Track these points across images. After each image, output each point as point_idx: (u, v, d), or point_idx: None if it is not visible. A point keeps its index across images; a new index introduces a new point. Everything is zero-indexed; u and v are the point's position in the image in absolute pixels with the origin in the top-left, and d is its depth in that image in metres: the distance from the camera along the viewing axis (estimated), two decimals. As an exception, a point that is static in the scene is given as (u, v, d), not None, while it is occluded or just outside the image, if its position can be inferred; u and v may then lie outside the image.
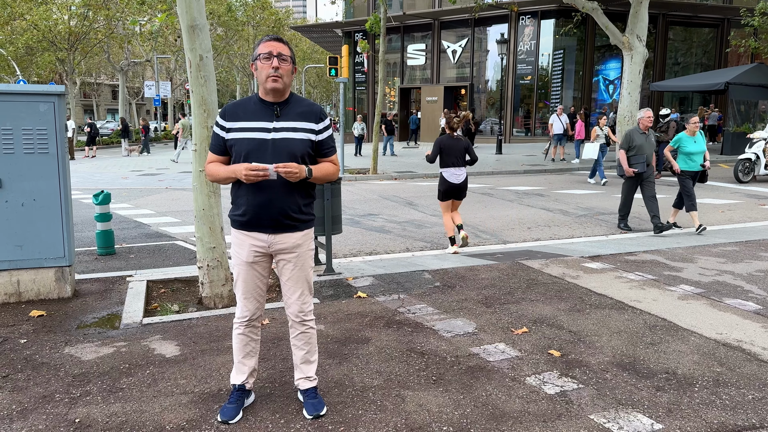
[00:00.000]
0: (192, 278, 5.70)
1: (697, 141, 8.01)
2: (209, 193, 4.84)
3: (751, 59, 27.30)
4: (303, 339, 3.13)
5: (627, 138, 8.17)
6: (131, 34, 34.55)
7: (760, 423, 3.01)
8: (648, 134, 8.19)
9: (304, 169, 2.84)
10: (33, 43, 30.03)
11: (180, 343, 4.09)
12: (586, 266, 6.11)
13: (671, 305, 4.86)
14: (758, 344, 4.04)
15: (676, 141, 8.10)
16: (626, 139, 8.17)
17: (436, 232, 8.41)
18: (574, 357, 3.82)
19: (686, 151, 8.00)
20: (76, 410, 3.15)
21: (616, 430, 2.94)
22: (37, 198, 4.92)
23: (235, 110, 2.95)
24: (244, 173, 2.76)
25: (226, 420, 3.01)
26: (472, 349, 3.96)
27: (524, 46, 27.09)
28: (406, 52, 31.13)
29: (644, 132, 8.16)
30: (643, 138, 8.11)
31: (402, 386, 3.42)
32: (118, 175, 17.12)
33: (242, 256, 3.00)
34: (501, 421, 3.03)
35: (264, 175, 2.76)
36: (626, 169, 8.15)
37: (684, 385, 3.43)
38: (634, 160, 8.10)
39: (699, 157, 8.01)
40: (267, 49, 2.85)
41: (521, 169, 16.98)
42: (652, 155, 8.15)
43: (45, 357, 3.85)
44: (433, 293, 5.22)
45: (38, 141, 4.86)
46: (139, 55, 40.70)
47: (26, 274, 5.00)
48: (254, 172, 2.74)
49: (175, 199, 12.17)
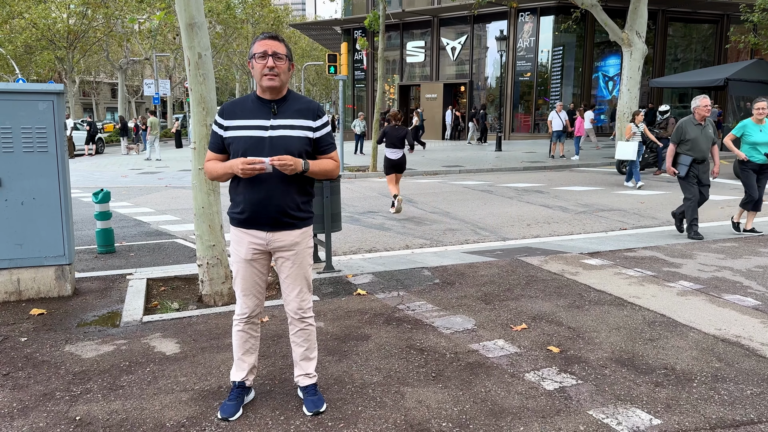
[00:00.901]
0: (192, 276, 5.71)
1: (763, 130, 7.18)
2: (209, 191, 4.84)
3: (750, 55, 27.28)
4: (302, 336, 3.14)
5: (679, 130, 7.19)
6: (130, 32, 34.53)
7: (758, 418, 3.02)
8: (705, 125, 7.14)
9: (300, 162, 2.85)
10: (32, 42, 30.01)
11: (180, 340, 4.10)
12: (585, 263, 6.11)
13: (670, 301, 4.87)
14: (757, 340, 4.05)
15: (740, 128, 7.26)
16: (678, 132, 7.19)
17: (435, 230, 8.42)
18: (573, 353, 3.83)
19: (751, 141, 7.18)
20: (77, 408, 3.16)
21: (614, 425, 2.95)
22: (36, 196, 4.93)
23: (233, 108, 2.96)
24: (241, 167, 2.77)
25: (226, 417, 3.02)
26: (472, 345, 3.97)
27: (523, 43, 27.07)
28: (405, 49, 31.11)
29: (700, 123, 7.12)
30: (699, 130, 7.09)
31: (401, 383, 3.43)
32: (117, 174, 17.12)
33: (241, 254, 3.01)
34: (500, 417, 3.04)
35: (260, 168, 2.76)
36: (668, 167, 7.26)
37: (683, 380, 3.44)
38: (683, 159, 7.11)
39: (765, 148, 7.15)
40: (262, 48, 2.85)
41: (521, 166, 16.98)
42: (709, 150, 7.19)
43: (45, 355, 3.86)
44: (433, 290, 5.23)
45: (37, 139, 4.87)
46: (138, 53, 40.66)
47: (26, 273, 5.00)
48: (250, 166, 2.76)
49: (175, 197, 12.18)
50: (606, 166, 17.09)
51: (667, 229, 8.08)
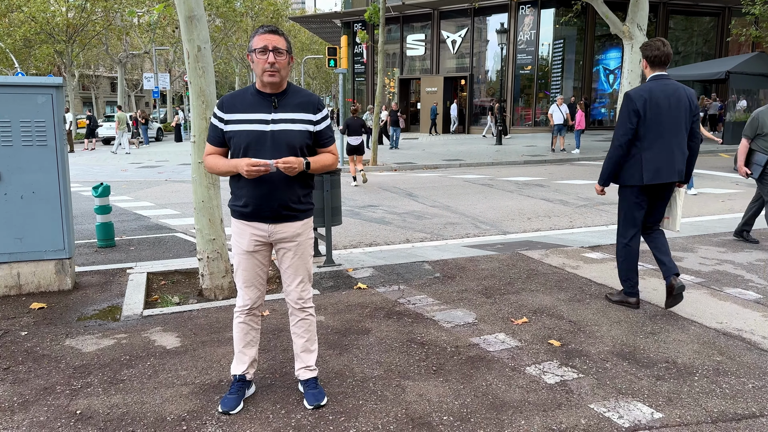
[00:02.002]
0: (192, 270, 5.70)
1: None
2: (208, 184, 4.83)
3: (752, 48, 27.20)
4: (303, 326, 3.14)
5: (754, 123, 6.11)
6: (129, 25, 34.43)
7: (760, 411, 3.02)
8: None
9: (302, 162, 2.85)
10: (31, 36, 29.92)
11: (180, 334, 4.09)
12: (586, 256, 6.11)
13: (671, 295, 4.86)
14: (758, 333, 4.04)
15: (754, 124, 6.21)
16: (753, 125, 6.12)
17: (436, 223, 8.41)
18: (574, 347, 3.83)
19: None
20: (77, 402, 3.16)
21: (616, 419, 2.95)
22: (36, 190, 4.92)
23: (233, 102, 2.94)
24: (246, 169, 2.76)
25: (227, 410, 3.02)
26: (472, 339, 3.97)
27: (524, 36, 26.98)
28: (405, 42, 31.02)
29: None
30: None
31: (402, 376, 3.42)
32: (117, 168, 17.11)
33: (243, 246, 3.00)
34: (501, 410, 3.04)
35: (265, 170, 2.77)
36: (740, 166, 6.21)
37: (684, 374, 3.44)
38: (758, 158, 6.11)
39: None
40: (262, 42, 2.84)
41: (521, 159, 16.95)
42: None
43: (46, 349, 3.86)
44: (433, 284, 5.22)
45: (37, 133, 4.85)
46: (138, 47, 40.55)
47: (26, 267, 5.00)
48: (255, 168, 2.75)
49: (175, 191, 12.17)
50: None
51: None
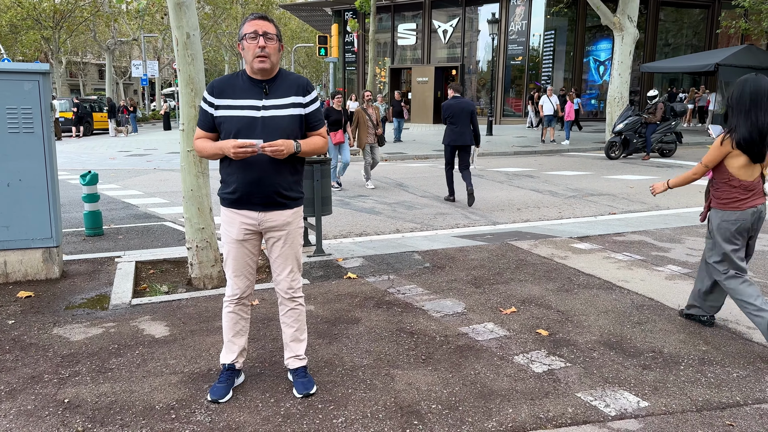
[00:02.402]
0: (181, 259, 5.68)
1: None
2: (197, 173, 4.80)
3: (741, 40, 27.32)
4: (292, 316, 3.14)
5: None
6: (117, 12, 34.03)
7: (744, 400, 3.06)
8: None
9: (292, 144, 2.84)
10: (17, 21, 29.51)
11: (169, 323, 4.08)
12: (574, 247, 6.14)
13: (658, 285, 4.90)
14: (743, 323, 4.09)
15: None
16: None
17: (426, 213, 8.42)
18: (562, 336, 3.86)
19: None
20: (65, 391, 3.14)
21: (602, 407, 2.98)
22: (23, 178, 4.87)
23: (223, 87, 2.92)
24: (233, 151, 2.75)
25: (216, 399, 3.02)
26: (461, 328, 3.99)
27: (515, 27, 26.94)
28: (396, 31, 30.88)
29: None
30: None
31: (391, 365, 3.44)
32: (105, 156, 16.97)
33: (232, 234, 3.00)
34: (489, 399, 3.06)
35: (252, 151, 2.75)
36: None
37: (670, 363, 3.47)
38: None
39: None
40: (252, 28, 2.82)
41: (511, 150, 16.98)
42: None
43: (33, 338, 3.84)
44: (423, 274, 5.23)
45: (23, 120, 4.80)
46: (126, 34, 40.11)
47: (13, 255, 4.96)
48: (242, 150, 2.74)
49: (164, 179, 12.09)
50: (596, 150, 17.13)
51: (655, 213, 8.12)
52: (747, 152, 3.58)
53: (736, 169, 3.63)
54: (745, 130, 3.57)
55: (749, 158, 3.60)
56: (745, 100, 3.61)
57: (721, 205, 3.73)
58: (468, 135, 8.95)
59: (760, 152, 3.58)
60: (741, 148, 3.58)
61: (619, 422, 2.85)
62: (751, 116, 3.56)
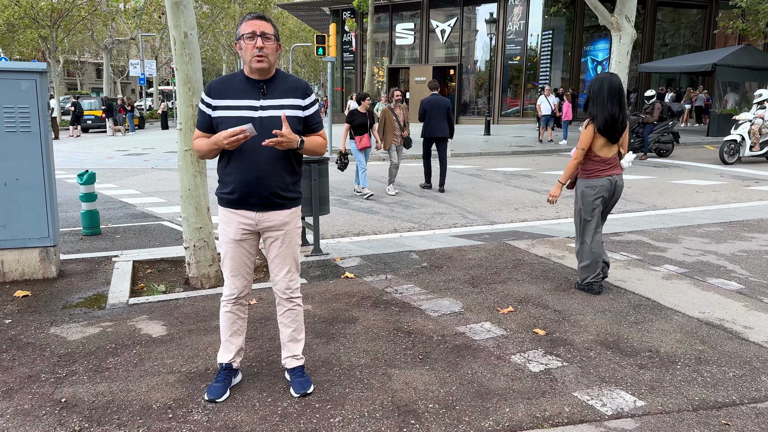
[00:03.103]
0: (179, 258, 5.67)
1: None
2: (195, 172, 4.80)
3: (738, 41, 27.36)
4: (290, 316, 3.14)
5: None
6: (115, 11, 33.95)
7: (740, 400, 3.07)
8: None
9: (296, 138, 2.85)
10: (14, 20, 29.42)
11: (167, 323, 4.08)
12: (572, 246, 6.15)
13: (655, 285, 4.91)
14: (740, 323, 4.10)
15: None
16: None
17: (423, 213, 8.43)
18: (559, 335, 3.87)
19: None
20: (62, 390, 3.14)
21: (599, 407, 2.99)
22: (20, 177, 4.86)
23: (221, 87, 2.92)
24: (226, 142, 2.76)
25: (213, 399, 3.02)
26: (459, 328, 3.99)
27: (513, 26, 26.96)
28: (394, 31, 30.87)
29: None
30: None
31: (389, 365, 3.44)
32: (103, 155, 16.94)
33: (230, 234, 3.00)
34: (486, 398, 3.07)
35: (245, 136, 2.75)
36: None
37: (666, 363, 3.48)
38: None
39: None
40: (250, 28, 2.83)
41: (509, 150, 16.99)
42: None
43: (30, 337, 3.83)
44: (421, 273, 5.24)
45: (20, 119, 4.79)
46: (124, 33, 40.03)
47: (10, 255, 4.95)
48: (235, 138, 2.74)
49: (161, 179, 12.08)
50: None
51: (653, 213, 8.14)
52: (605, 135, 4.44)
53: (598, 148, 4.50)
54: (603, 118, 4.41)
55: (607, 140, 4.46)
56: (604, 95, 4.43)
57: (586, 175, 4.58)
58: (444, 128, 9.95)
59: (615, 134, 4.45)
60: (601, 132, 4.44)
61: (615, 421, 2.86)
62: (608, 107, 4.40)
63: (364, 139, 9.61)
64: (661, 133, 14.88)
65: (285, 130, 2.79)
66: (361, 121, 9.54)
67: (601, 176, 4.52)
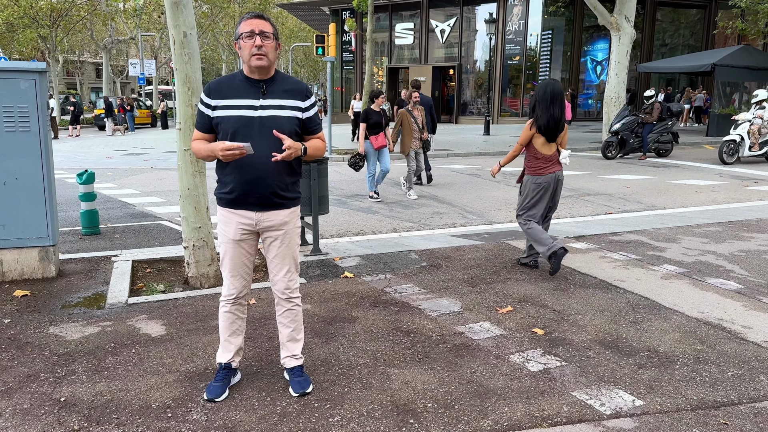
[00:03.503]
0: (178, 258, 5.67)
1: None
2: (194, 172, 4.80)
3: (738, 41, 27.39)
4: (289, 316, 3.15)
5: None
6: (114, 11, 33.95)
7: (738, 399, 3.07)
8: None
9: (300, 147, 2.86)
10: (14, 20, 29.42)
11: (166, 322, 4.08)
12: (571, 246, 6.15)
13: (654, 284, 4.92)
14: (738, 323, 4.10)
15: None
16: None
17: (423, 213, 8.43)
18: (558, 335, 3.87)
19: None
20: (61, 389, 3.14)
21: (598, 406, 2.99)
22: (19, 177, 4.86)
23: (220, 87, 2.92)
24: (221, 154, 2.76)
25: (212, 398, 3.02)
26: (458, 327, 3.99)
27: (513, 26, 26.97)
28: (394, 31, 30.88)
29: None
30: None
31: (388, 364, 3.44)
32: (102, 155, 16.94)
33: (229, 234, 3.00)
34: (485, 397, 3.07)
35: (240, 153, 2.75)
36: None
37: (665, 362, 3.49)
38: None
39: None
40: (249, 27, 2.83)
41: (509, 150, 17.00)
42: None
43: (29, 337, 3.83)
44: (420, 273, 5.24)
45: (19, 119, 4.79)
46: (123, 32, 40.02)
47: (9, 254, 4.95)
48: (230, 152, 2.74)
49: (161, 178, 12.08)
50: (593, 150, 17.16)
51: (652, 213, 8.14)
52: (545, 135, 4.99)
53: (539, 146, 5.06)
54: (544, 119, 4.96)
55: (546, 139, 5.01)
56: (547, 98, 4.94)
57: (532, 172, 5.14)
58: (428, 124, 10.78)
59: (554, 134, 5.00)
60: (541, 132, 4.99)
61: (614, 421, 2.86)
62: (549, 110, 4.94)
63: (380, 138, 9.22)
64: (661, 133, 14.89)
65: (289, 142, 2.81)
66: (377, 120, 9.17)
67: (545, 173, 5.08)
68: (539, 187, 5.10)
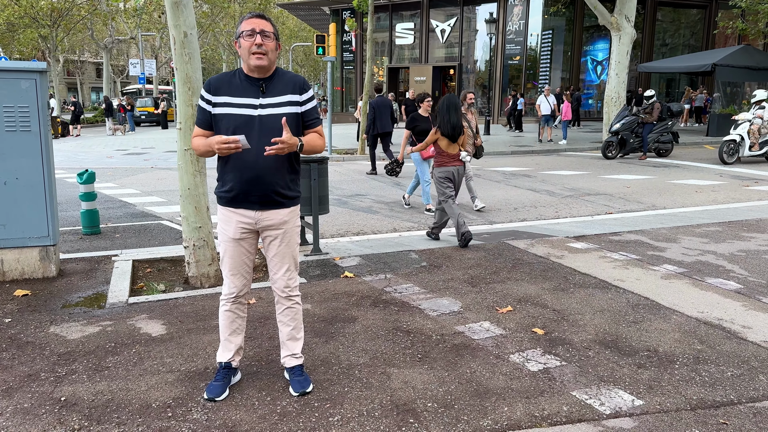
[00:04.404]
0: (178, 258, 5.68)
1: None
2: (195, 172, 4.81)
3: (738, 41, 27.38)
4: (289, 315, 3.15)
5: None
6: (115, 10, 33.96)
7: (738, 399, 3.08)
8: None
9: (296, 142, 2.85)
10: (14, 20, 29.44)
11: (166, 322, 4.09)
12: (570, 246, 6.16)
13: (654, 284, 4.92)
14: (738, 322, 4.11)
15: None
16: None
17: (423, 213, 8.43)
18: (558, 335, 3.87)
19: None
20: (62, 389, 3.15)
21: (597, 406, 2.99)
22: (20, 176, 4.87)
23: (220, 84, 2.93)
24: (216, 147, 2.77)
25: (212, 397, 3.03)
26: (458, 327, 4.00)
27: (513, 26, 26.97)
28: (394, 31, 30.88)
29: None
30: None
31: (388, 364, 3.45)
32: (102, 155, 16.94)
33: (229, 233, 3.00)
34: (485, 397, 3.07)
35: (236, 147, 2.76)
36: None
37: (665, 362, 3.49)
38: None
39: None
40: (250, 26, 2.83)
41: (509, 149, 17.00)
42: None
43: (30, 336, 3.84)
44: (420, 273, 5.24)
45: (20, 118, 4.79)
46: (124, 32, 40.04)
47: (10, 254, 4.95)
48: (226, 146, 2.75)
49: (161, 178, 12.08)
50: (593, 150, 17.16)
51: (652, 213, 8.14)
52: (447, 137, 6.23)
53: (444, 146, 6.30)
54: (445, 126, 6.20)
55: (449, 140, 6.25)
56: (444, 109, 6.25)
57: (438, 164, 6.38)
58: (388, 124, 12.22)
59: (454, 137, 6.23)
60: (444, 135, 6.24)
61: (613, 420, 2.87)
62: (448, 118, 6.21)
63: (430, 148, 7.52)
64: (661, 133, 14.89)
65: (285, 136, 2.80)
66: (425, 127, 8.10)
67: (448, 166, 6.33)
68: (443, 174, 6.33)
